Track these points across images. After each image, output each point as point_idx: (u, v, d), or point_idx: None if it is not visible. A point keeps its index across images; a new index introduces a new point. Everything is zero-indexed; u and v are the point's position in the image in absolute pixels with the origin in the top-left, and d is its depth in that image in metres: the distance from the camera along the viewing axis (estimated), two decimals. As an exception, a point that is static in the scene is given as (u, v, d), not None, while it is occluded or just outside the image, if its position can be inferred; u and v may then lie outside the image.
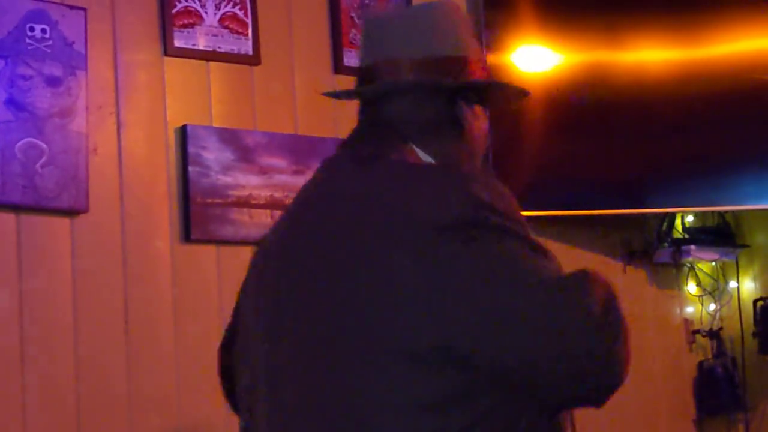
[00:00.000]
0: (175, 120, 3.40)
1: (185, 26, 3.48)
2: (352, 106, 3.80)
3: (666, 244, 4.32)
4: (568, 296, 1.63)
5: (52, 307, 3.11)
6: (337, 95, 2.05)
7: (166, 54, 3.43)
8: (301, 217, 1.84)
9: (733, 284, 4.47)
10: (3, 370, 3.02)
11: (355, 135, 1.90)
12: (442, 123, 1.86)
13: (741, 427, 4.43)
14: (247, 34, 3.58)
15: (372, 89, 1.88)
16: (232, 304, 3.41)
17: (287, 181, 3.53)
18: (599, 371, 1.64)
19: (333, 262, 1.69)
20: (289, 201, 3.55)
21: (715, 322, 4.43)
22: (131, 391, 3.18)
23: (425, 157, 1.84)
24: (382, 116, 1.87)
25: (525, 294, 1.61)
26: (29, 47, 3.16)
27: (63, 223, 3.16)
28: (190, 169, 3.38)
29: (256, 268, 1.94)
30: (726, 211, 4.40)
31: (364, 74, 1.92)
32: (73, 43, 3.22)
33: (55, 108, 3.16)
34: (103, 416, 3.14)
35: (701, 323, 4.44)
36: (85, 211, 3.19)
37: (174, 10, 3.46)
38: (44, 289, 3.11)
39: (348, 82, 3.71)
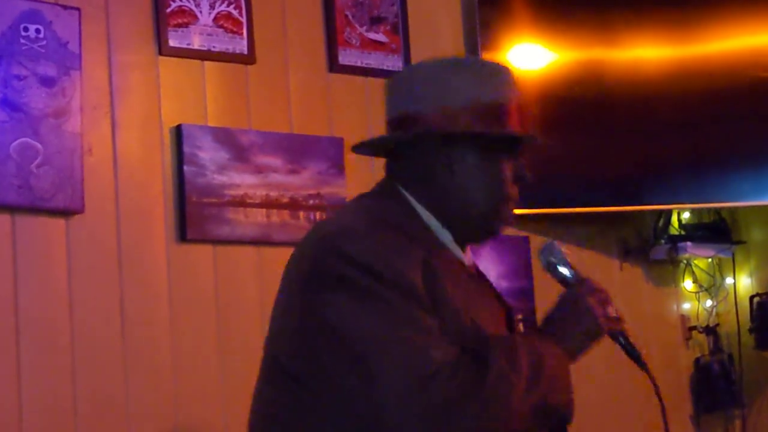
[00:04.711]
0: (170, 120, 3.40)
1: (179, 26, 3.47)
2: (347, 106, 3.80)
3: (662, 241, 4.32)
4: (369, 369, 1.71)
5: (47, 308, 3.10)
6: (357, 149, 2.08)
7: (160, 54, 3.42)
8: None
9: (729, 280, 4.47)
10: (-1, 372, 3.02)
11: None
12: (430, 171, 1.92)
13: (738, 423, 4.43)
14: (241, 34, 3.57)
15: (368, 143, 2.03)
16: (229, 303, 3.42)
17: (282, 180, 3.52)
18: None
19: (282, 286, 1.90)
20: (284, 200, 3.57)
21: (712, 319, 4.43)
22: (128, 390, 3.18)
23: (415, 204, 1.92)
24: (390, 166, 1.99)
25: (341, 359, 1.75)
26: (23, 47, 3.15)
27: (58, 223, 3.16)
28: (185, 168, 3.37)
29: None
30: (722, 208, 4.39)
31: (388, 125, 2.00)
32: (68, 43, 3.21)
33: (49, 108, 3.16)
34: (100, 416, 3.13)
35: (698, 320, 4.44)
36: (81, 211, 3.18)
37: (168, 10, 3.45)
38: (40, 289, 3.10)
39: (343, 81, 3.74)
